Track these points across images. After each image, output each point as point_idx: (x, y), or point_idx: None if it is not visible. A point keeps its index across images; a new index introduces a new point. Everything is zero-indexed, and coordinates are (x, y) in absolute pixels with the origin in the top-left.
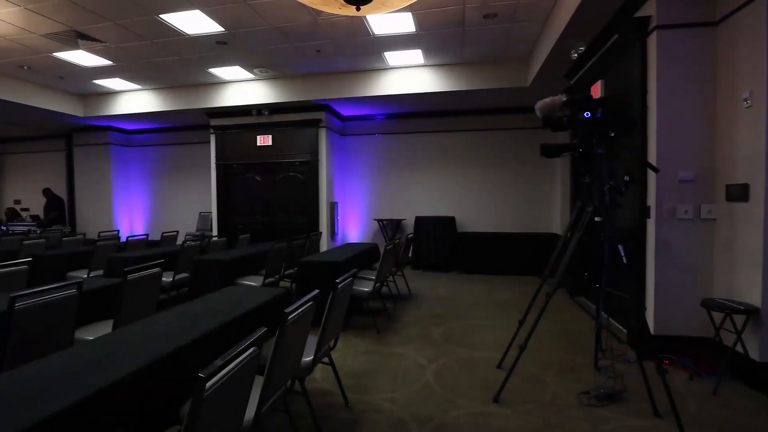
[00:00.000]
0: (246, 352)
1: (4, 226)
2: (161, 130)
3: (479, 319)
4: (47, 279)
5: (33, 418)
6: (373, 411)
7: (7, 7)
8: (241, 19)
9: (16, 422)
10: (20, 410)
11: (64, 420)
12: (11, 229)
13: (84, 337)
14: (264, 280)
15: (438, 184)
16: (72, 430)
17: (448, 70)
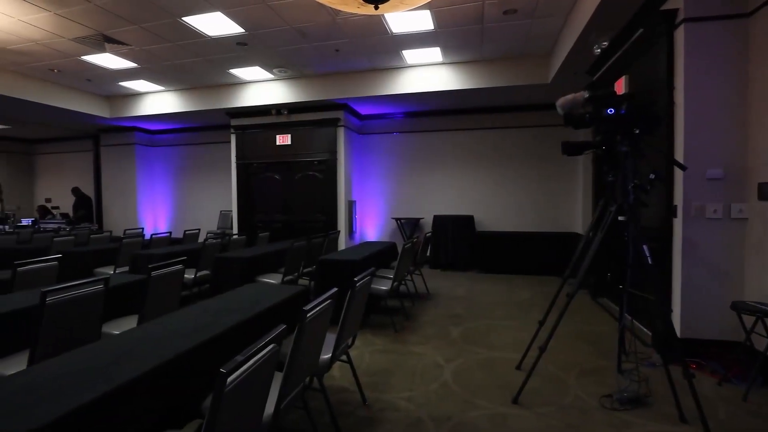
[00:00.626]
0: (266, 349)
1: (36, 224)
2: (184, 131)
3: (498, 319)
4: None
5: (64, 408)
6: (390, 409)
7: (39, 13)
8: (260, 19)
9: (49, 412)
10: (52, 400)
11: (93, 410)
12: (42, 226)
13: (111, 332)
14: (283, 277)
15: (457, 183)
16: (100, 421)
17: (467, 67)
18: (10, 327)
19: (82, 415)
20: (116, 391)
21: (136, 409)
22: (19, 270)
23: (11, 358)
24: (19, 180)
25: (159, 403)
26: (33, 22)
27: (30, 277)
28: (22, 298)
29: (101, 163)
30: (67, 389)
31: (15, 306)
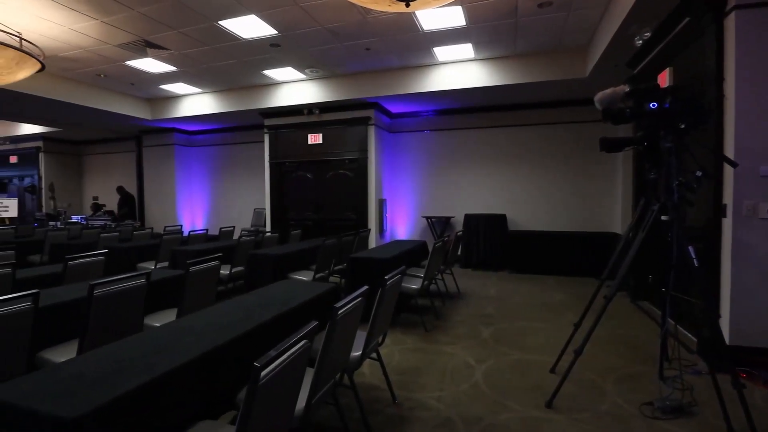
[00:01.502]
0: (298, 345)
1: (86, 220)
2: (219, 131)
3: (531, 321)
4: (120, 269)
5: (109, 395)
6: (420, 408)
7: (87, 21)
8: (293, 21)
9: (98, 397)
10: (98, 388)
11: (136, 398)
12: (91, 222)
13: (152, 324)
14: (314, 275)
15: (488, 181)
16: (143, 407)
17: (499, 63)
18: (61, 317)
19: (126, 402)
20: (157, 381)
21: (175, 398)
22: (69, 264)
23: (62, 346)
24: (70, 179)
25: (196, 393)
26: (81, 30)
27: (79, 270)
28: (73, 290)
29: (143, 163)
30: (112, 377)
31: (66, 298)
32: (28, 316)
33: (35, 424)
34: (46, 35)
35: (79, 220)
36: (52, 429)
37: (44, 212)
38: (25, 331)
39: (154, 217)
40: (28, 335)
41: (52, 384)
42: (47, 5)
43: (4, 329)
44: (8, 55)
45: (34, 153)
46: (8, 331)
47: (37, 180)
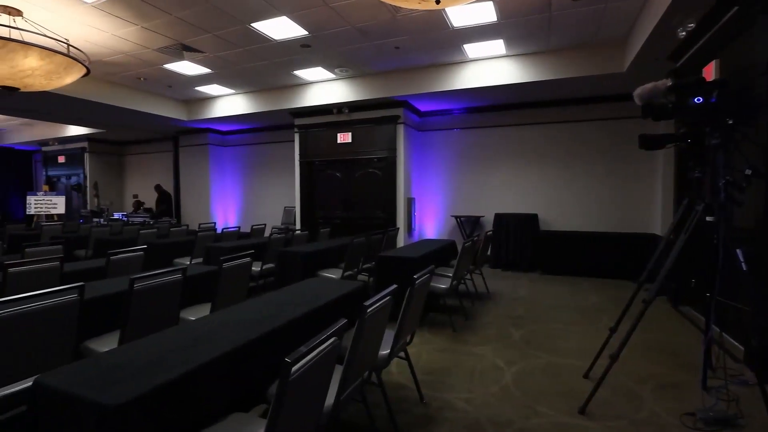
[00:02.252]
0: (327, 342)
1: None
2: (251, 131)
3: (563, 324)
4: (158, 264)
5: (151, 384)
6: (448, 409)
7: (128, 27)
8: (323, 21)
9: (138, 387)
10: (141, 377)
11: (173, 388)
12: (131, 219)
13: (187, 317)
14: (343, 273)
15: (520, 180)
16: (180, 397)
17: (532, 59)
18: (104, 309)
19: (164, 392)
20: (193, 373)
21: (209, 390)
22: (112, 258)
23: (105, 336)
24: (112, 178)
25: (229, 386)
26: (124, 36)
27: (121, 265)
28: (115, 283)
29: (179, 162)
30: (152, 368)
31: (109, 290)
32: (74, 308)
33: (82, 410)
34: (92, 41)
35: (121, 216)
36: (97, 415)
37: (89, 209)
38: (72, 321)
39: (189, 214)
40: (74, 325)
41: (96, 372)
42: (93, 13)
43: (53, 319)
44: (57, 60)
45: (80, 153)
46: (57, 321)
47: (82, 179)
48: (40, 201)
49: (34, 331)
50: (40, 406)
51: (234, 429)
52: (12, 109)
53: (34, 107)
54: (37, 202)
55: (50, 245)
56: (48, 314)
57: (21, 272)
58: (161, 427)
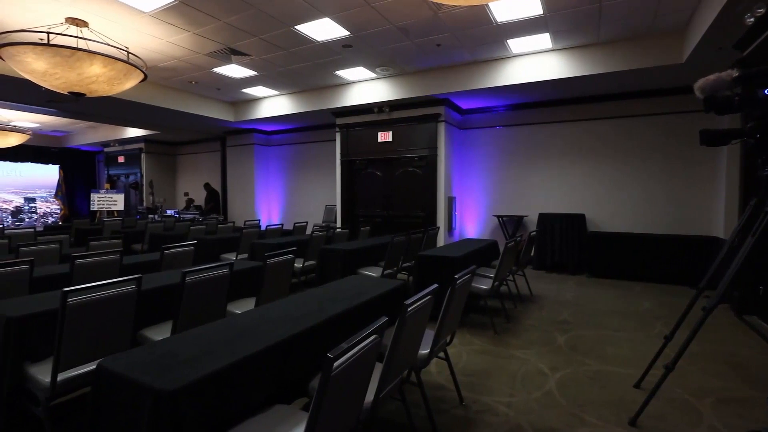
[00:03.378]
0: (369, 339)
1: (178, 213)
2: (294, 131)
3: (613, 330)
4: (206, 259)
5: (201, 372)
6: (488, 412)
7: (181, 34)
8: (364, 21)
9: (189, 374)
10: (191, 365)
11: (221, 377)
12: (182, 215)
13: (233, 311)
14: (383, 271)
15: (565, 179)
16: (226, 386)
17: (580, 52)
18: (158, 300)
19: (212, 380)
20: (239, 364)
21: (253, 381)
22: (165, 252)
23: (159, 326)
24: (166, 176)
25: (272, 378)
26: (177, 42)
27: (173, 258)
28: (167, 276)
29: (227, 161)
30: (201, 358)
31: (162, 283)
32: (133, 298)
33: (139, 393)
34: (148, 48)
35: (173, 213)
36: (153, 399)
37: (145, 206)
38: (130, 310)
39: (235, 211)
40: (132, 314)
41: (151, 359)
42: (150, 22)
43: (114, 308)
44: (118, 67)
45: (138, 153)
46: (117, 310)
47: (139, 177)
48: (103, 198)
49: (98, 319)
50: (103, 388)
51: (276, 420)
52: (79, 113)
53: (97, 111)
54: (99, 199)
55: (111, 239)
56: (110, 303)
57: (86, 264)
58: (208, 413)
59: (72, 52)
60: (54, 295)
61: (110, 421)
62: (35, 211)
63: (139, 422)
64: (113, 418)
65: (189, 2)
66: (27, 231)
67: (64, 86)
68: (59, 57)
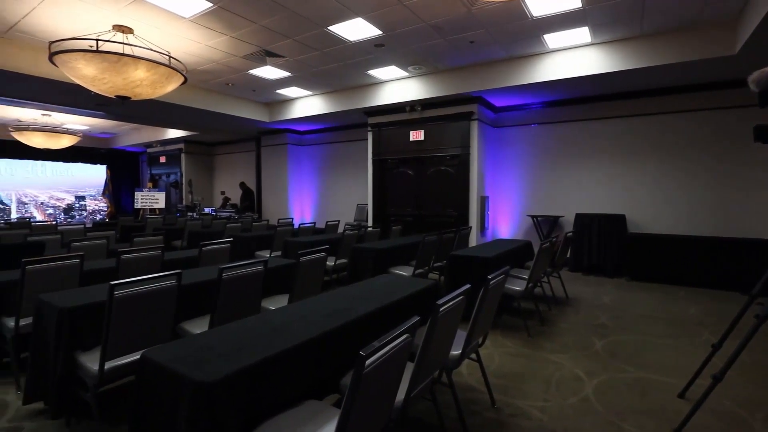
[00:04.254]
0: (400, 338)
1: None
2: (327, 130)
3: (654, 336)
4: (241, 256)
5: (237, 365)
6: (521, 416)
7: (219, 38)
8: (397, 20)
9: (226, 367)
10: (228, 359)
11: (257, 371)
12: (219, 213)
13: (267, 307)
14: (414, 270)
15: (605, 178)
16: (261, 380)
17: (622, 46)
18: (196, 294)
19: (248, 374)
20: (274, 358)
21: (287, 376)
22: (203, 249)
23: (197, 320)
24: (203, 176)
25: (305, 374)
26: (215, 46)
27: (210, 255)
28: (205, 272)
29: (261, 161)
30: (237, 351)
31: (200, 278)
32: (173, 292)
33: (179, 384)
34: (188, 52)
35: (210, 211)
36: (191, 390)
37: (184, 204)
38: (171, 304)
39: (269, 210)
40: (173, 308)
41: (191, 352)
42: (190, 27)
43: (156, 301)
44: (160, 71)
45: (178, 154)
46: (159, 303)
47: (179, 177)
48: (145, 196)
49: (142, 311)
50: (146, 377)
51: (308, 415)
52: (124, 116)
53: (141, 113)
54: (143, 198)
55: (153, 236)
56: (153, 297)
57: (130, 259)
58: (243, 406)
59: (118, 58)
60: (102, 288)
61: (152, 408)
62: (85, 208)
63: (178, 411)
64: (155, 406)
65: (226, 7)
66: (77, 227)
67: (111, 90)
68: (107, 62)
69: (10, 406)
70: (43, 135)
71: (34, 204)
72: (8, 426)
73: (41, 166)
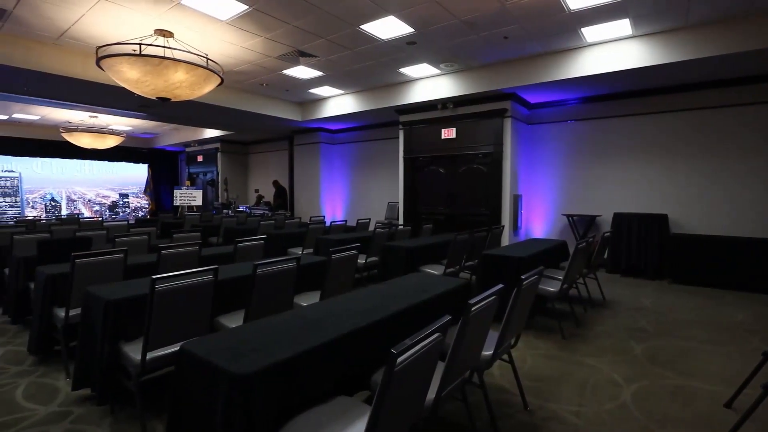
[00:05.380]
0: (432, 337)
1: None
2: (358, 129)
3: (698, 342)
4: (274, 253)
5: (271, 359)
6: (555, 420)
7: (254, 39)
8: (429, 17)
9: (261, 361)
10: (263, 352)
11: (290, 365)
12: (253, 211)
13: (300, 303)
14: (445, 269)
15: (645, 176)
16: (293, 374)
17: (666, 38)
18: (232, 289)
19: (282, 368)
20: (306, 353)
21: (318, 371)
22: (238, 246)
23: (232, 314)
24: (238, 174)
25: (336, 369)
26: (250, 47)
27: (245, 251)
28: (240, 268)
29: (294, 159)
30: (271, 346)
31: (236, 274)
32: (210, 286)
33: (216, 375)
34: (225, 54)
35: (245, 209)
36: (228, 381)
37: (220, 202)
38: (208, 298)
39: (302, 207)
40: (210, 302)
41: (226, 345)
42: (226, 29)
43: (194, 295)
44: (198, 73)
45: (214, 153)
46: (197, 297)
47: (215, 175)
48: (184, 194)
49: (181, 304)
50: (185, 368)
51: (339, 410)
52: (164, 117)
53: (180, 114)
54: (181, 195)
55: (191, 232)
56: (191, 291)
57: (170, 254)
58: (276, 399)
59: (159, 61)
60: (144, 281)
61: (190, 398)
62: (128, 205)
63: (215, 401)
64: (192, 396)
65: (262, 9)
66: (121, 223)
67: (153, 92)
68: (149, 66)
69: (60, 392)
70: (91, 136)
71: (82, 201)
72: (58, 410)
73: (89, 165)
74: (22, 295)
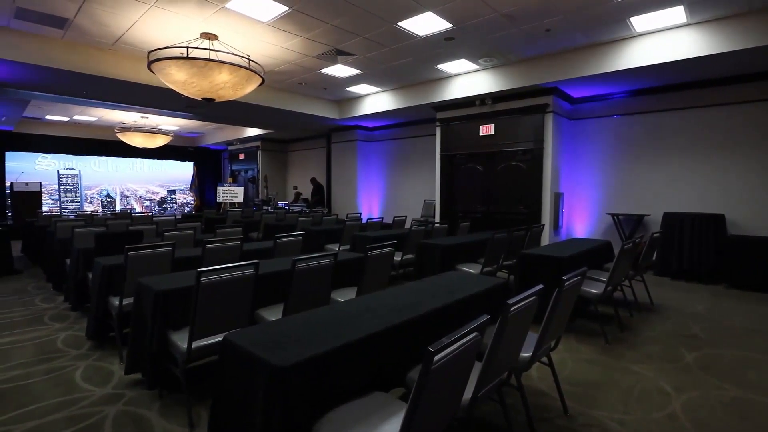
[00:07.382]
0: (469, 336)
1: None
2: (395, 126)
3: (758, 352)
4: (312, 249)
5: (309, 352)
6: (597, 427)
7: (294, 39)
8: (467, 11)
9: (299, 353)
10: (301, 346)
11: (327, 359)
12: (291, 208)
13: (337, 298)
14: (482, 268)
15: (698, 174)
16: (331, 368)
17: (724, 25)
18: (272, 284)
19: (319, 361)
20: (343, 348)
21: (354, 366)
22: (278, 241)
23: (272, 308)
24: (278, 172)
25: (372, 365)
26: (290, 47)
27: (284, 247)
28: (280, 262)
29: (331, 157)
30: (309, 339)
31: (275, 268)
32: (251, 280)
33: (256, 366)
34: (265, 54)
35: (284, 205)
36: (268, 373)
37: (260, 198)
38: (250, 291)
39: (339, 204)
40: (251, 295)
41: (266, 337)
42: (268, 30)
43: (236, 288)
44: (241, 74)
45: (255, 151)
46: (239, 290)
47: (256, 172)
48: (226, 191)
49: (224, 297)
50: (227, 358)
51: (375, 406)
52: (209, 117)
53: (223, 114)
54: (224, 192)
55: (233, 227)
56: (233, 284)
57: (213, 248)
58: (314, 391)
59: (205, 63)
60: (190, 274)
61: (232, 386)
62: (175, 201)
63: (255, 390)
64: (235, 385)
65: (301, 9)
66: (169, 218)
67: (199, 93)
68: (195, 68)
69: (114, 375)
70: (143, 135)
71: (134, 197)
72: (112, 392)
73: (140, 163)
74: (81, 284)
